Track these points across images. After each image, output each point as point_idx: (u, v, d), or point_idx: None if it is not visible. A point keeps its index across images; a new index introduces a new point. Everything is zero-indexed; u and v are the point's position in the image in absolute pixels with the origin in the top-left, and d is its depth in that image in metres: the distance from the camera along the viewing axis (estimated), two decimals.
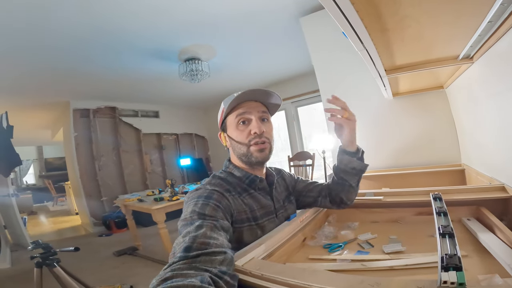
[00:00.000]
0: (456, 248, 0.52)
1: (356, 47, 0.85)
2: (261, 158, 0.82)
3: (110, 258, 3.17)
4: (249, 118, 0.82)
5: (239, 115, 0.81)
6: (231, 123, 0.84)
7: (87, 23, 2.32)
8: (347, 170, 0.90)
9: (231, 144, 0.85)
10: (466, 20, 0.73)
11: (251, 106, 0.82)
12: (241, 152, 0.83)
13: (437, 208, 0.77)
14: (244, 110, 0.81)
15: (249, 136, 0.81)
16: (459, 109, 1.79)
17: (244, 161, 0.84)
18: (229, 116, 0.84)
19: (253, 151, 0.82)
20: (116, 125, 5.15)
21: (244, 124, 0.82)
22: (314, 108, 5.03)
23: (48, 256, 1.63)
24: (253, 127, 0.80)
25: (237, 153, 0.84)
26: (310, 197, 0.99)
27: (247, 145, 0.82)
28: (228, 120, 0.85)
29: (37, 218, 6.65)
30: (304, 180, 1.04)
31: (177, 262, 0.48)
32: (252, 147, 0.81)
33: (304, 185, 1.01)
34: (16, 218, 3.82)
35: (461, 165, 1.92)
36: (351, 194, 0.94)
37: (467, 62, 1.11)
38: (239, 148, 0.83)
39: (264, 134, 0.82)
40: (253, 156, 0.82)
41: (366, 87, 2.24)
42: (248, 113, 0.81)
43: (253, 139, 0.81)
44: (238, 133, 0.82)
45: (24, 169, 9.75)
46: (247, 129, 0.81)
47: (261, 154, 0.82)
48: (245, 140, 0.81)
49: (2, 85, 3.42)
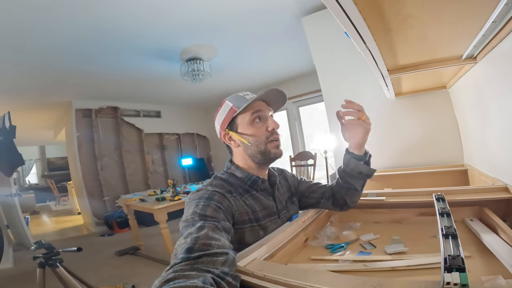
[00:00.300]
0: (460, 249, 0.51)
1: (358, 47, 0.85)
2: (279, 154, 0.84)
3: (112, 258, 3.18)
4: (265, 115, 0.84)
5: (256, 112, 0.82)
6: (244, 121, 0.83)
7: (88, 23, 2.32)
8: (353, 174, 0.89)
9: (242, 143, 0.84)
10: (470, 20, 0.72)
11: (262, 105, 0.85)
12: (258, 150, 0.82)
13: (440, 208, 0.77)
14: (259, 108, 0.83)
15: (266, 133, 0.83)
16: (462, 109, 1.79)
17: (259, 159, 0.83)
18: (242, 115, 0.83)
19: (270, 148, 0.83)
20: (118, 125, 5.17)
21: (260, 121, 0.83)
22: (315, 108, 5.03)
23: (51, 256, 1.64)
24: (271, 123, 0.83)
25: (252, 151, 0.83)
26: (312, 198, 0.98)
27: (265, 141, 0.82)
28: (241, 118, 0.83)
29: (40, 217, 6.69)
30: (307, 181, 1.03)
31: (179, 263, 0.48)
32: (270, 144, 0.83)
33: (307, 186, 1.01)
34: (18, 217, 3.83)
35: (464, 165, 1.91)
36: (355, 197, 0.94)
37: (471, 62, 1.10)
38: (257, 145, 0.82)
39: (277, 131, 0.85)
40: (272, 153, 0.83)
41: (368, 87, 2.24)
42: (263, 111, 0.84)
43: (270, 136, 0.83)
44: (254, 129, 0.82)
45: (27, 169, 9.80)
46: (264, 125, 0.83)
47: (278, 150, 0.84)
48: (263, 137, 0.82)
49: (4, 85, 3.44)
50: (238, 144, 0.85)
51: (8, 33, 2.28)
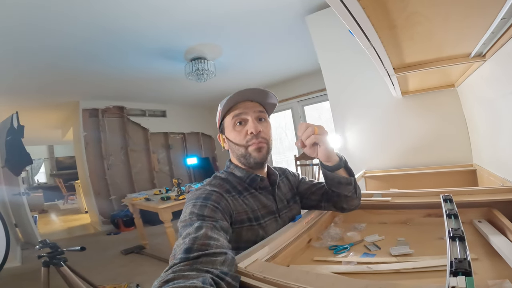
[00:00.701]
0: (466, 252, 0.50)
1: (363, 45, 0.83)
2: (259, 158, 0.81)
3: (118, 257, 3.21)
4: (246, 118, 0.81)
5: (236, 115, 0.81)
6: (228, 125, 0.83)
7: (93, 23, 2.34)
8: (334, 184, 0.87)
9: (230, 146, 0.85)
10: (478, 17, 0.70)
11: (247, 106, 0.82)
12: (240, 154, 0.82)
13: (447, 210, 0.75)
14: (240, 110, 0.81)
15: (246, 137, 0.81)
16: (471, 108, 1.75)
17: (243, 163, 0.84)
18: (226, 118, 0.84)
19: (251, 151, 0.81)
20: (124, 125, 5.21)
21: (241, 125, 0.81)
22: (321, 107, 5.00)
23: (55, 255, 1.65)
24: (249, 127, 0.80)
25: (236, 154, 0.84)
26: (313, 200, 0.97)
27: (245, 146, 0.81)
28: (226, 122, 0.84)
29: (48, 216, 6.79)
30: (307, 182, 1.01)
31: (178, 264, 0.47)
32: (250, 147, 0.81)
33: (307, 187, 0.99)
34: (27, 216, 3.88)
35: (473, 165, 1.88)
36: (352, 201, 0.90)
37: (479, 60, 1.08)
38: (237, 149, 0.82)
39: (260, 134, 0.81)
40: (252, 156, 0.81)
41: (374, 85, 2.21)
42: (245, 113, 0.81)
43: (250, 140, 0.80)
44: (235, 134, 0.82)
45: (36, 168, 9.96)
46: (244, 129, 0.81)
47: (259, 154, 0.81)
48: (243, 141, 0.81)
49: (13, 85, 3.50)
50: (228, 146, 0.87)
51: (15, 35, 2.32)
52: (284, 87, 5.09)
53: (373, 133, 2.33)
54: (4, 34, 2.28)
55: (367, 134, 2.36)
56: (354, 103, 2.40)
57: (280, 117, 5.48)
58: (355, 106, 2.39)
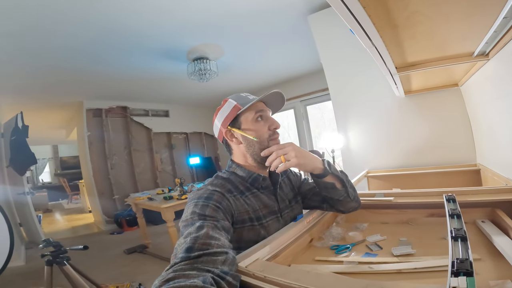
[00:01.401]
0: (468, 252, 0.49)
1: (364, 44, 0.83)
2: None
3: (121, 256, 3.23)
4: (267, 115, 0.87)
5: (259, 111, 0.84)
6: (247, 119, 0.84)
7: (97, 24, 2.36)
8: (323, 189, 0.88)
9: (246, 139, 0.84)
10: (480, 15, 0.70)
11: (263, 105, 0.87)
12: (261, 147, 0.83)
13: (450, 210, 0.74)
14: (261, 107, 0.85)
15: (268, 131, 0.84)
16: (475, 107, 1.74)
17: (261, 157, 0.83)
18: (246, 113, 0.84)
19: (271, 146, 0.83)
20: (127, 125, 5.24)
21: (262, 120, 0.85)
22: (323, 107, 4.98)
23: (58, 254, 1.66)
24: (273, 122, 0.85)
25: (253, 148, 0.83)
26: (315, 201, 0.97)
27: (267, 139, 0.84)
28: (244, 116, 0.84)
29: (52, 215, 6.84)
30: (309, 183, 1.01)
31: (179, 263, 0.48)
32: (271, 142, 0.84)
33: (309, 188, 0.99)
34: (31, 216, 3.92)
35: (477, 165, 1.86)
36: (347, 204, 0.90)
37: (483, 59, 1.07)
38: (260, 142, 0.83)
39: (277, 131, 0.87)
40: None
41: (377, 85, 2.20)
42: (265, 111, 0.86)
43: (272, 135, 0.84)
44: (258, 127, 0.84)
45: (40, 168, 10.04)
46: (266, 124, 0.85)
47: None
48: (266, 135, 0.84)
49: (17, 86, 3.54)
50: (240, 142, 0.85)
51: (20, 36, 2.34)
52: (286, 87, 5.09)
53: (375, 133, 2.32)
54: (9, 35, 2.30)
55: (370, 133, 2.35)
56: (356, 103, 2.39)
57: (282, 116, 5.48)
58: (358, 105, 2.38)
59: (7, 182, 3.64)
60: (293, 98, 5.06)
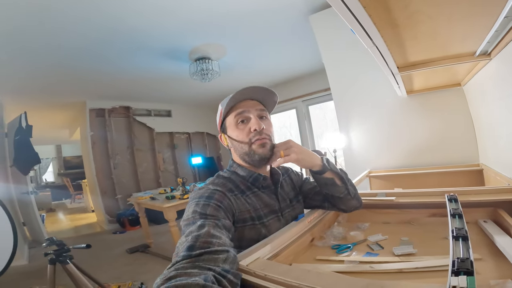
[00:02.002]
0: (469, 252, 0.50)
1: (365, 44, 0.83)
2: (263, 154, 0.81)
3: (123, 255, 3.25)
4: (248, 116, 0.82)
5: (238, 114, 0.81)
6: (230, 124, 0.84)
7: (100, 24, 2.37)
8: (323, 186, 0.89)
9: (232, 145, 0.85)
10: (482, 15, 0.70)
11: (248, 105, 0.82)
12: (243, 152, 0.82)
13: (452, 209, 0.74)
14: (242, 109, 0.81)
15: (249, 134, 0.81)
16: (478, 107, 1.73)
17: (247, 161, 0.83)
18: (228, 117, 0.84)
19: (255, 148, 0.81)
20: (130, 124, 5.26)
21: (243, 123, 0.82)
22: (325, 107, 4.97)
23: (61, 252, 1.67)
24: (252, 124, 0.80)
25: (239, 152, 0.84)
26: (316, 201, 0.97)
27: (248, 144, 0.81)
28: (228, 121, 0.85)
29: (55, 215, 6.88)
30: (311, 182, 1.01)
31: (180, 261, 0.48)
32: (253, 145, 0.81)
33: (311, 187, 0.99)
34: (34, 215, 3.94)
35: (479, 165, 1.86)
36: (348, 202, 0.90)
37: (485, 59, 1.07)
38: (241, 147, 0.82)
39: (264, 131, 0.81)
40: (256, 153, 0.81)
41: (379, 85, 2.20)
42: (247, 111, 0.81)
43: (253, 137, 0.80)
44: (238, 132, 0.82)
45: (44, 167, 10.10)
46: (246, 127, 0.81)
47: (263, 150, 0.81)
48: (246, 139, 0.81)
49: (21, 85, 3.56)
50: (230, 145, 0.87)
51: (23, 35, 2.35)
52: (288, 87, 5.08)
53: (378, 133, 2.32)
54: (12, 34, 2.32)
55: (372, 133, 2.34)
56: (358, 103, 2.39)
57: (284, 116, 5.47)
58: (360, 105, 2.38)
59: (11, 182, 3.67)
60: (295, 98, 5.06)
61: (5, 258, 1.73)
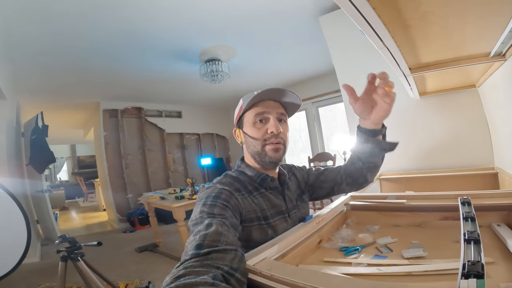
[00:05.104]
0: (481, 254, 0.48)
1: (375, 45, 0.82)
2: (275, 158, 0.81)
3: (132, 254, 3.29)
4: (267, 117, 0.81)
5: (258, 114, 0.81)
6: (248, 120, 0.84)
7: (115, 27, 2.44)
8: (374, 152, 0.86)
9: (246, 141, 0.85)
10: (495, 15, 0.68)
11: (270, 106, 0.82)
12: (256, 150, 0.82)
13: (464, 212, 0.73)
14: (263, 109, 0.81)
15: (265, 135, 0.81)
16: (493, 109, 1.69)
17: (257, 160, 0.83)
18: (247, 113, 0.84)
19: (267, 150, 0.81)
20: (142, 125, 5.36)
21: (261, 123, 0.82)
22: (335, 108, 4.93)
23: (73, 250, 1.69)
24: (270, 126, 0.80)
25: (251, 150, 0.84)
26: (325, 188, 0.97)
27: (262, 143, 0.81)
28: (246, 117, 0.85)
29: (68, 213, 7.05)
30: (314, 172, 1.01)
31: (189, 260, 0.49)
32: (267, 146, 0.81)
33: (316, 176, 0.99)
34: (48, 213, 4.04)
35: (494, 168, 1.81)
36: (375, 172, 0.92)
37: (499, 60, 1.04)
38: (254, 145, 0.82)
39: (280, 135, 0.81)
40: (267, 155, 0.81)
41: None
42: (267, 112, 0.81)
43: (269, 138, 0.81)
44: (254, 130, 0.82)
45: (58, 166, 10.37)
46: (264, 127, 0.81)
47: (275, 154, 0.81)
48: (261, 138, 0.81)
49: (38, 86, 3.69)
50: (243, 141, 0.87)
51: (41, 38, 2.44)
52: (298, 88, 5.07)
53: (389, 135, 2.27)
54: (30, 37, 2.41)
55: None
56: None
57: (294, 118, 5.43)
58: None
59: (27, 180, 3.78)
60: (304, 100, 5.04)
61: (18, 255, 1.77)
